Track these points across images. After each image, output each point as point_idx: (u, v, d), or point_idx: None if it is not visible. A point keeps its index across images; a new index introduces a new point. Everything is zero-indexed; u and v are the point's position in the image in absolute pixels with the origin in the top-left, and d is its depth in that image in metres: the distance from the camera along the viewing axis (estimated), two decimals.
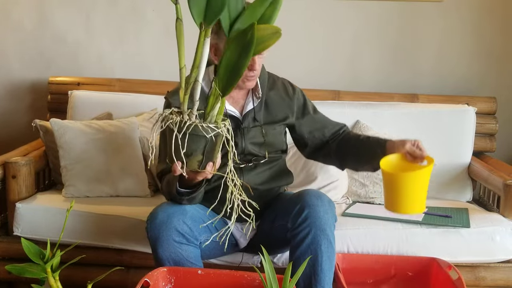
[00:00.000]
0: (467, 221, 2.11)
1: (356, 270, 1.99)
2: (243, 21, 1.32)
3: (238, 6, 1.33)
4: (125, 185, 2.34)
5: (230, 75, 1.29)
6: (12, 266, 1.38)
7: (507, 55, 2.86)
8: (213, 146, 1.34)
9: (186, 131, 1.29)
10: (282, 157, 1.96)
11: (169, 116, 1.33)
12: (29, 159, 2.23)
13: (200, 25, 1.30)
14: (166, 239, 1.63)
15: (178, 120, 1.31)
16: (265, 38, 1.30)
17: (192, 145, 1.31)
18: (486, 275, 2.11)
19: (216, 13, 1.28)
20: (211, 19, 1.29)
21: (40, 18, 2.91)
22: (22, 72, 2.96)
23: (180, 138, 1.30)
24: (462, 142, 2.57)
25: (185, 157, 1.32)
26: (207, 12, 1.29)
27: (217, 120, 1.34)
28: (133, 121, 2.44)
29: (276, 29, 1.31)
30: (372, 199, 2.40)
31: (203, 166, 1.37)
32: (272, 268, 1.37)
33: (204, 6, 1.29)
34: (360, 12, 2.85)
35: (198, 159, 1.34)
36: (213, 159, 1.38)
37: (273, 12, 1.33)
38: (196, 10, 1.29)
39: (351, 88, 2.81)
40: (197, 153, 1.32)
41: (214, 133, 1.31)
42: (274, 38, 1.30)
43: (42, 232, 2.12)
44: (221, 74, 1.30)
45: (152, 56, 2.87)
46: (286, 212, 1.72)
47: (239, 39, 1.29)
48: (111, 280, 1.84)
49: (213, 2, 1.28)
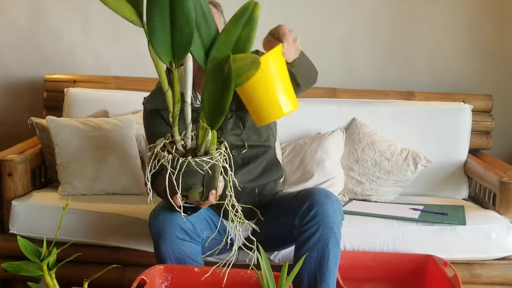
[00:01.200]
0: (463, 219, 2.12)
1: (353, 267, 1.99)
2: (218, 48, 1.20)
3: (211, 31, 1.20)
4: (121, 183, 2.34)
5: (215, 108, 1.19)
6: (8, 264, 1.38)
7: (503, 52, 2.87)
8: (211, 176, 1.28)
9: (181, 168, 1.22)
10: (271, 148, 1.93)
11: (161, 154, 1.25)
12: (25, 157, 2.23)
13: (170, 63, 1.19)
14: (169, 235, 1.63)
15: (169, 158, 1.23)
16: (244, 68, 1.16)
17: (189, 180, 1.25)
18: (482, 272, 2.11)
19: (185, 48, 1.16)
20: (180, 55, 1.18)
21: (36, 16, 2.90)
22: (18, 70, 2.95)
23: (176, 175, 1.23)
24: (458, 140, 2.57)
25: (185, 191, 1.27)
26: (174, 49, 1.17)
27: (211, 150, 1.27)
28: (130, 118, 2.44)
29: (254, 57, 1.17)
30: (369, 196, 2.41)
31: (205, 197, 1.32)
32: (268, 266, 1.38)
33: (169, 43, 1.16)
34: (356, 10, 2.85)
35: (199, 191, 1.29)
36: (214, 187, 1.33)
37: (250, 32, 1.19)
38: (161, 49, 1.17)
39: (348, 86, 2.81)
40: (197, 185, 1.27)
41: (209, 165, 1.25)
42: (253, 68, 1.17)
43: (38, 230, 2.11)
44: (206, 108, 1.21)
45: (148, 54, 2.85)
46: (293, 209, 1.72)
47: (216, 72, 1.17)
48: (108, 278, 1.84)
49: (178, 38, 1.15)
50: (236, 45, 1.20)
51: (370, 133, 2.48)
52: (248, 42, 1.20)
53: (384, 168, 2.39)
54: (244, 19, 1.19)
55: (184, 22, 1.13)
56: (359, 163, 2.43)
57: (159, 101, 1.77)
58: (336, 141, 2.45)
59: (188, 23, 1.13)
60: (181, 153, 1.26)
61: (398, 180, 2.39)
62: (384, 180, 2.39)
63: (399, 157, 2.39)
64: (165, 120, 1.76)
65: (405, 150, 2.41)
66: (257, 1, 1.18)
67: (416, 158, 2.37)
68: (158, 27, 1.14)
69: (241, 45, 1.20)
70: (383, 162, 2.39)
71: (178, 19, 1.13)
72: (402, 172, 2.38)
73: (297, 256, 1.68)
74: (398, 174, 2.38)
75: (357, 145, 2.46)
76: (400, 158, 2.39)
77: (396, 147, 2.43)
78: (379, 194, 2.40)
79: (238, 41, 1.20)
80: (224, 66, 1.14)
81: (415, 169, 2.37)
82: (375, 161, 2.41)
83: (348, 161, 2.46)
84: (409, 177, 2.39)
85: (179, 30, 1.14)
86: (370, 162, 2.41)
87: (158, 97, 1.78)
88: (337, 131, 2.49)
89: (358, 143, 2.46)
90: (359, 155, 2.44)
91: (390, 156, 2.40)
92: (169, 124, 1.75)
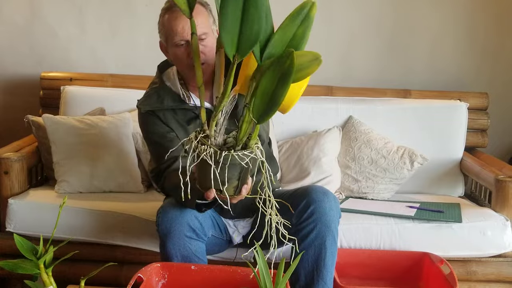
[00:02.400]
0: (459, 216, 2.13)
1: (349, 265, 2.00)
2: (274, 44, 1.21)
3: (268, 29, 1.20)
4: (118, 180, 2.34)
5: (268, 105, 1.19)
6: (4, 262, 1.38)
7: (499, 51, 2.88)
8: (247, 171, 1.30)
9: (225, 162, 1.23)
10: (264, 142, 1.92)
11: (202, 147, 1.25)
12: (21, 155, 2.22)
13: (233, 57, 1.19)
14: (177, 233, 1.62)
15: (211, 151, 1.24)
16: (304, 65, 1.19)
17: (228, 173, 1.25)
18: (478, 269, 2.12)
19: (251, 43, 1.17)
20: (245, 50, 1.18)
21: (32, 13, 2.89)
22: (14, 68, 2.94)
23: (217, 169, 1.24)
24: (454, 138, 2.58)
25: (221, 185, 1.26)
26: (240, 42, 1.18)
27: (251, 145, 1.28)
28: (126, 116, 2.43)
29: (316, 55, 1.20)
30: (365, 194, 2.41)
31: (238, 191, 1.32)
32: (265, 263, 1.38)
33: (237, 35, 1.17)
34: (353, 8, 2.85)
35: (233, 185, 1.29)
36: (247, 181, 1.35)
37: (305, 31, 1.21)
38: (228, 40, 1.17)
39: (344, 84, 2.82)
40: (233, 180, 1.28)
41: (249, 158, 1.26)
42: (314, 65, 1.20)
43: (35, 228, 2.11)
44: (258, 103, 1.21)
45: (145, 52, 2.86)
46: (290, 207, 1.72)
47: (275, 67, 1.17)
48: (104, 276, 1.84)
49: (247, 31, 1.16)
50: (290, 42, 1.22)
51: (366, 131, 2.48)
52: (303, 40, 1.22)
53: (381, 166, 2.40)
54: (301, 18, 1.21)
55: (255, 19, 1.15)
56: (355, 161, 2.43)
57: (153, 102, 1.77)
58: (333, 139, 2.46)
59: (259, 21, 1.15)
60: (216, 148, 1.27)
61: (394, 178, 2.40)
62: (381, 178, 2.40)
63: (395, 155, 2.40)
64: (161, 120, 1.76)
65: (401, 148, 2.42)
66: (314, 1, 1.20)
67: (412, 156, 2.38)
68: (230, 18, 1.15)
69: (296, 42, 1.22)
70: (380, 160, 2.40)
71: (249, 15, 1.15)
72: (399, 170, 2.38)
73: (294, 254, 1.69)
74: (394, 172, 2.39)
75: (354, 143, 2.46)
76: (396, 156, 2.39)
77: (392, 145, 2.44)
78: (375, 192, 2.41)
79: (293, 38, 1.22)
80: (286, 61, 1.15)
81: (412, 167, 2.38)
82: (371, 159, 2.41)
83: (345, 159, 2.46)
84: (405, 175, 2.40)
85: (249, 25, 1.15)
86: (367, 160, 2.42)
87: (152, 98, 1.78)
88: (334, 129, 2.49)
89: (354, 141, 2.46)
90: (356, 153, 2.44)
91: (387, 154, 2.40)
92: (166, 123, 1.77)
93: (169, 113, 1.76)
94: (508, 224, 2.10)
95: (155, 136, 1.76)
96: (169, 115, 1.76)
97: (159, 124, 1.76)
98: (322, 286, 1.65)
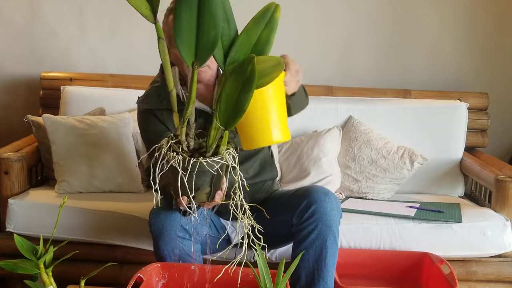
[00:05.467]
0: (459, 216, 2.13)
1: (349, 265, 2.00)
2: (237, 49, 1.18)
3: (231, 32, 1.18)
4: (118, 181, 2.34)
5: (233, 111, 1.17)
6: (4, 262, 1.38)
7: (499, 51, 2.88)
8: (219, 176, 1.27)
9: (192, 169, 1.21)
10: (264, 148, 1.94)
11: (170, 154, 1.23)
12: (21, 155, 2.22)
13: (192, 64, 1.17)
14: (169, 234, 1.63)
15: (180, 159, 1.21)
16: (267, 71, 1.16)
17: (198, 180, 1.23)
18: (478, 269, 2.12)
19: (209, 50, 1.14)
20: (204, 57, 1.15)
21: (31, 13, 2.89)
22: (14, 68, 2.94)
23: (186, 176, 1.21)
24: (454, 138, 2.58)
25: (191, 192, 1.24)
26: (198, 50, 1.14)
27: (221, 151, 1.25)
28: (126, 116, 2.43)
29: (278, 60, 1.17)
30: (365, 194, 2.41)
31: (211, 197, 1.30)
32: (265, 263, 1.38)
33: (194, 42, 1.14)
34: (353, 8, 2.85)
35: (206, 192, 1.27)
36: (221, 187, 1.33)
37: (270, 34, 1.19)
38: (185, 49, 1.14)
39: (344, 84, 2.82)
40: (204, 186, 1.26)
41: (219, 165, 1.23)
42: (276, 71, 1.16)
43: (35, 228, 2.11)
44: (222, 109, 1.19)
45: (145, 52, 2.86)
46: (291, 207, 1.72)
47: (237, 73, 1.15)
48: (104, 276, 1.84)
49: (204, 38, 1.12)
50: (255, 46, 1.19)
51: (366, 131, 2.48)
52: (268, 44, 1.20)
53: (381, 166, 2.40)
54: (265, 21, 1.18)
55: (211, 25, 1.12)
56: (355, 161, 2.43)
57: (153, 101, 1.78)
58: (333, 139, 2.46)
59: (215, 26, 1.12)
60: (187, 154, 1.24)
61: (394, 178, 2.40)
62: (381, 178, 2.40)
63: (395, 155, 2.40)
64: (159, 119, 1.77)
65: (401, 148, 2.42)
66: (278, 4, 1.18)
67: (413, 156, 2.38)
68: (185, 26, 1.12)
69: (260, 47, 1.19)
70: (380, 160, 2.40)
71: (205, 22, 1.12)
72: (399, 170, 2.38)
73: (294, 254, 1.69)
74: (394, 172, 2.39)
75: (354, 143, 2.46)
76: (396, 156, 2.39)
77: (392, 145, 2.44)
78: (375, 192, 2.41)
79: (258, 42, 1.19)
80: (247, 67, 1.12)
81: (411, 167, 2.38)
82: (371, 159, 2.41)
83: (345, 159, 2.46)
84: (405, 175, 2.40)
85: (205, 32, 1.12)
86: (367, 160, 2.42)
87: (152, 97, 1.79)
88: (334, 129, 2.49)
89: (354, 141, 2.46)
90: (356, 153, 2.44)
91: (387, 154, 2.40)
92: (164, 123, 1.77)
93: (167, 113, 1.76)
94: (508, 224, 2.10)
95: (151, 134, 1.77)
96: (167, 115, 1.76)
97: (157, 123, 1.77)
98: (323, 286, 1.65)
